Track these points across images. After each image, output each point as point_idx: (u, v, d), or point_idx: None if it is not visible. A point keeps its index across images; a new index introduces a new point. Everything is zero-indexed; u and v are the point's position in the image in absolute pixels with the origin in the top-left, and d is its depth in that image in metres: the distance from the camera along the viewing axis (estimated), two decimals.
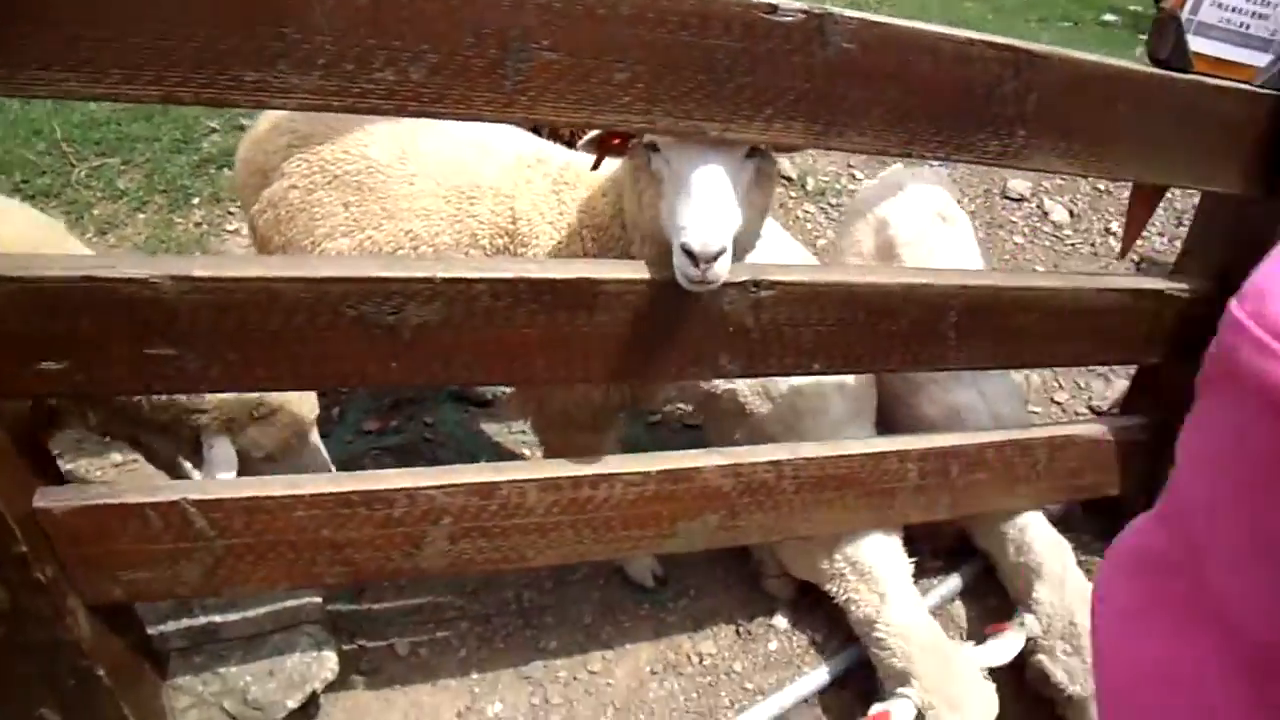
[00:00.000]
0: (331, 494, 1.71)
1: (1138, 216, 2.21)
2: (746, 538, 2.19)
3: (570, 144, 2.26)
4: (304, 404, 2.10)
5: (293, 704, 2.01)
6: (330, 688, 2.13)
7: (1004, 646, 2.31)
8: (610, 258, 1.95)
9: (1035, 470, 2.45)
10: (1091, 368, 3.62)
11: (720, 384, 2.47)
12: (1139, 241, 4.45)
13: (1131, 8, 7.37)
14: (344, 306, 1.52)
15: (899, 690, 2.16)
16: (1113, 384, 3.58)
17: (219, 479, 1.78)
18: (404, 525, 1.79)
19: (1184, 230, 4.48)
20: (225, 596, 2.05)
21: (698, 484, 2.02)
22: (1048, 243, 4.44)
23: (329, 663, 2.06)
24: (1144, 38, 6.79)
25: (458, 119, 1.45)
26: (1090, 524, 2.92)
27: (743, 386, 2.46)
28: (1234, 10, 1.86)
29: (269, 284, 1.47)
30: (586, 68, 1.45)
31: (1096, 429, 2.52)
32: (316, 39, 1.32)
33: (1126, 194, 2.00)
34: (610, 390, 2.13)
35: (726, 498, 2.07)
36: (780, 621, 2.55)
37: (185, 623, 2.05)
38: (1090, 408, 3.51)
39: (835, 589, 2.36)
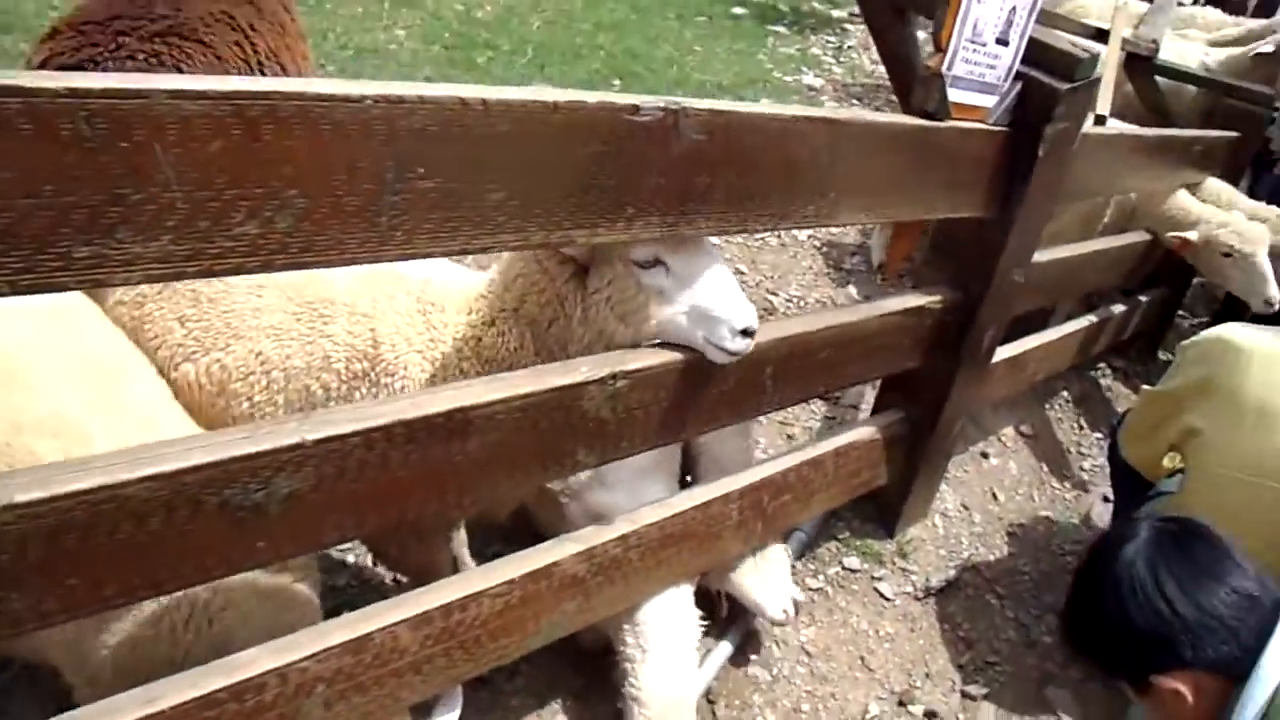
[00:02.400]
0: (196, 698, 1.44)
1: (904, 245, 2.43)
2: (598, 615, 2.14)
3: None
4: None
5: None
6: None
7: None
8: None
9: (826, 479, 2.63)
10: None
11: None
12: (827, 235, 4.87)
13: (755, 0, 7.97)
14: (205, 496, 1.28)
15: None
16: None
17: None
18: (277, 708, 1.55)
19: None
20: None
21: (556, 577, 1.95)
22: (739, 239, 4.71)
23: None
24: (771, 28, 7.43)
25: (329, 266, 1.27)
26: (854, 510, 3.19)
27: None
28: (975, 64, 2.07)
29: (116, 490, 1.20)
30: (463, 192, 1.33)
31: (868, 431, 2.75)
32: (164, 197, 1.08)
33: None
34: None
35: (583, 583, 2.02)
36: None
37: None
38: (823, 397, 3.80)
39: (614, 641, 2.33)
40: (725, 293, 1.75)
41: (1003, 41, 2.12)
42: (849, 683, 2.74)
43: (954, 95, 2.07)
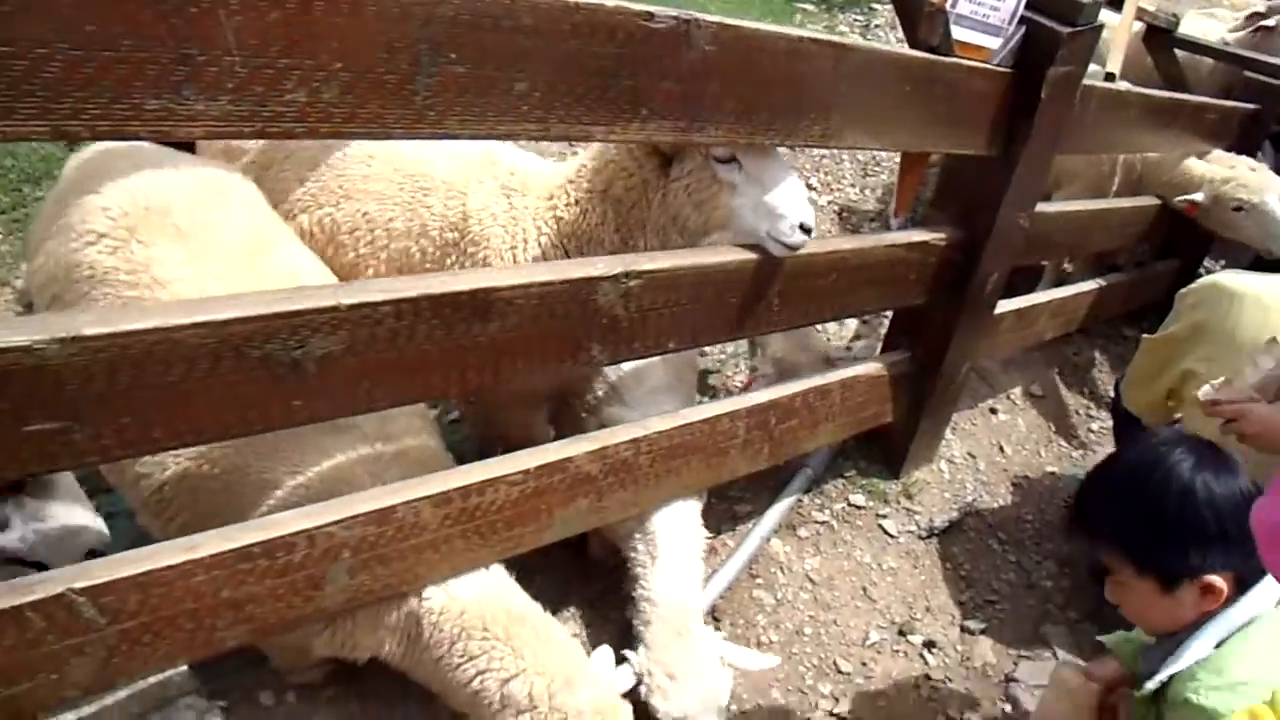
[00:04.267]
0: (232, 550, 1.57)
1: (911, 181, 2.53)
2: (611, 516, 2.26)
3: None
4: None
5: None
6: None
7: (753, 656, 2.35)
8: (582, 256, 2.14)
9: (832, 410, 2.74)
10: None
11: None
12: (835, 193, 4.97)
13: None
14: (247, 348, 1.41)
15: (625, 653, 2.22)
16: (845, 325, 4.01)
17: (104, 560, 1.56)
18: (305, 568, 1.69)
19: (870, 179, 5.11)
20: (119, 688, 1.82)
21: (570, 473, 2.07)
22: None
23: None
24: (799, 5, 7.50)
25: (368, 138, 1.41)
26: (862, 450, 3.30)
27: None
28: (979, 5, 2.17)
29: (169, 333, 1.33)
30: (490, 79, 1.45)
31: (875, 367, 2.86)
32: (224, 60, 1.22)
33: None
34: None
35: (594, 481, 2.14)
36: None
37: None
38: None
39: (624, 548, 2.43)
40: (791, 193, 1.99)
41: None
42: (850, 611, 2.85)
43: (958, 34, 2.17)
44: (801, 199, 2.01)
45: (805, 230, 2.00)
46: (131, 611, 1.52)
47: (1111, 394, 3.99)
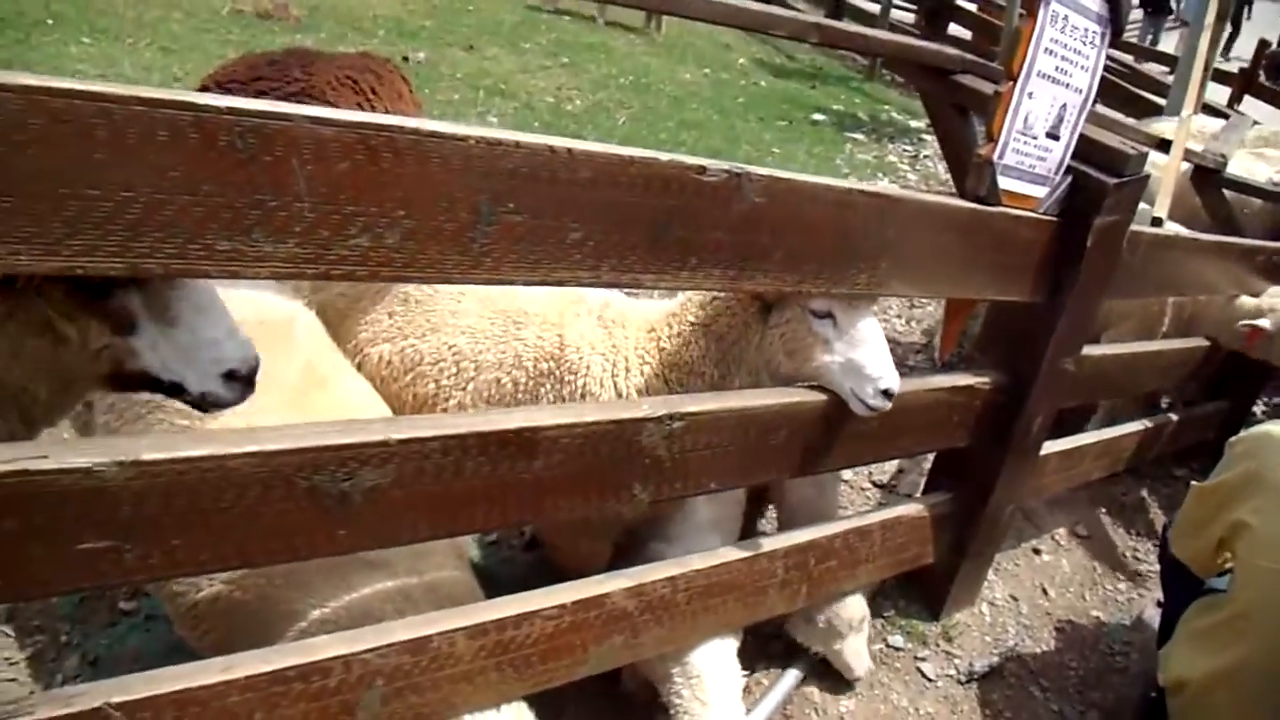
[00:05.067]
0: (268, 672, 1.58)
1: (954, 326, 2.54)
2: (645, 652, 2.23)
3: None
4: None
5: None
6: None
7: None
8: (681, 388, 2.23)
9: (872, 551, 2.70)
10: None
11: None
12: (881, 324, 4.98)
13: (835, 107, 8.29)
14: (298, 478, 1.44)
15: None
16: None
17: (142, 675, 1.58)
18: (339, 694, 1.68)
19: (917, 311, 5.14)
20: None
21: (607, 609, 2.06)
22: None
23: None
24: (850, 135, 7.70)
25: (426, 282, 1.45)
26: (901, 590, 3.23)
27: None
28: (1026, 155, 2.22)
29: (223, 461, 1.37)
30: (546, 229, 1.50)
31: (917, 508, 2.82)
32: (294, 206, 1.28)
33: None
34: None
35: (630, 618, 2.12)
36: None
37: None
38: (873, 482, 3.87)
39: (664, 690, 2.37)
40: (878, 355, 2.04)
41: (1053, 136, 2.27)
42: None
43: (1005, 183, 2.21)
44: (889, 362, 2.05)
45: (888, 395, 2.03)
46: None
47: (1160, 536, 3.91)
